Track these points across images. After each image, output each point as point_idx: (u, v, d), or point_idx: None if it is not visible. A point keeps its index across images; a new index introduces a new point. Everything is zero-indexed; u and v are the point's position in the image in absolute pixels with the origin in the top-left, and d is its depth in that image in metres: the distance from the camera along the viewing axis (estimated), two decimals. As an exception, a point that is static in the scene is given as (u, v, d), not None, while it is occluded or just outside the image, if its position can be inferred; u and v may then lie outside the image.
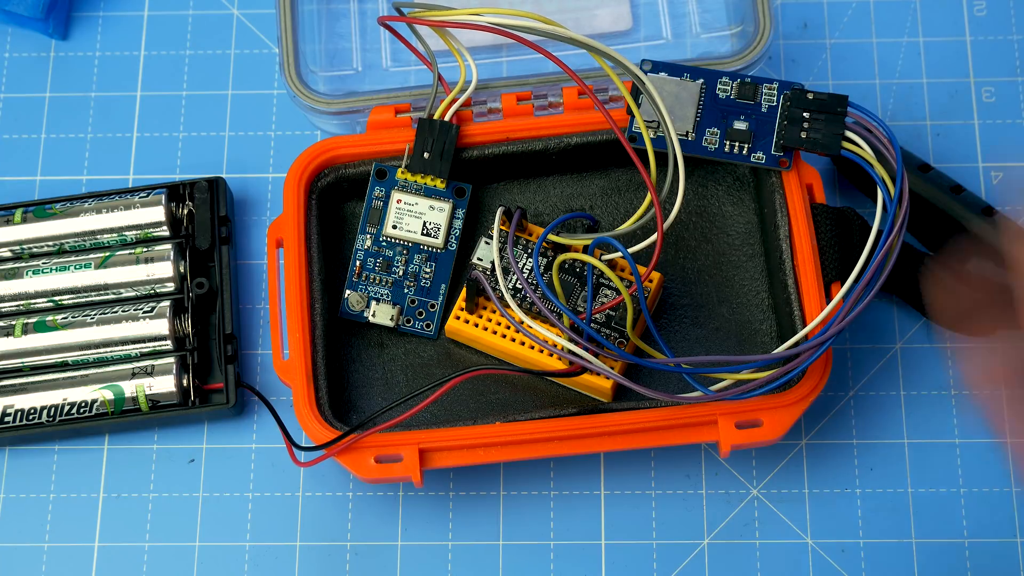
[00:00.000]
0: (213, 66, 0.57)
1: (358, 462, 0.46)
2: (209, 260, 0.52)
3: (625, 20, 0.55)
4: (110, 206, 0.52)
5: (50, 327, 0.50)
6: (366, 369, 0.50)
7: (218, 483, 0.51)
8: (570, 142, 0.51)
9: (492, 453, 0.46)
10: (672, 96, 0.49)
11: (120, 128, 0.56)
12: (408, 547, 0.49)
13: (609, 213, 0.52)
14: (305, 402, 0.47)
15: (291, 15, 0.52)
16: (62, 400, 0.49)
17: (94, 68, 0.57)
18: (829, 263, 0.48)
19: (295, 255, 0.49)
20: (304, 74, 0.52)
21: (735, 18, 0.54)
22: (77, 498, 0.51)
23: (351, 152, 0.51)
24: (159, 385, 0.49)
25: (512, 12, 0.47)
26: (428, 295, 0.50)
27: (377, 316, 0.50)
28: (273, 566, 0.49)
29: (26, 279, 0.51)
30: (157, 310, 0.50)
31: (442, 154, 0.50)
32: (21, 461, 0.51)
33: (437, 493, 0.50)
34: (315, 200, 0.50)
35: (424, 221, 0.50)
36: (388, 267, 0.50)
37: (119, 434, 0.51)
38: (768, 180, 0.49)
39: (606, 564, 0.49)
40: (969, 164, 0.54)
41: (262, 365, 0.52)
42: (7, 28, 0.58)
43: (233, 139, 0.56)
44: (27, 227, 0.52)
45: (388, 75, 0.55)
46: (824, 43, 0.56)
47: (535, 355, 0.48)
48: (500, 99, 0.51)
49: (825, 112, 0.48)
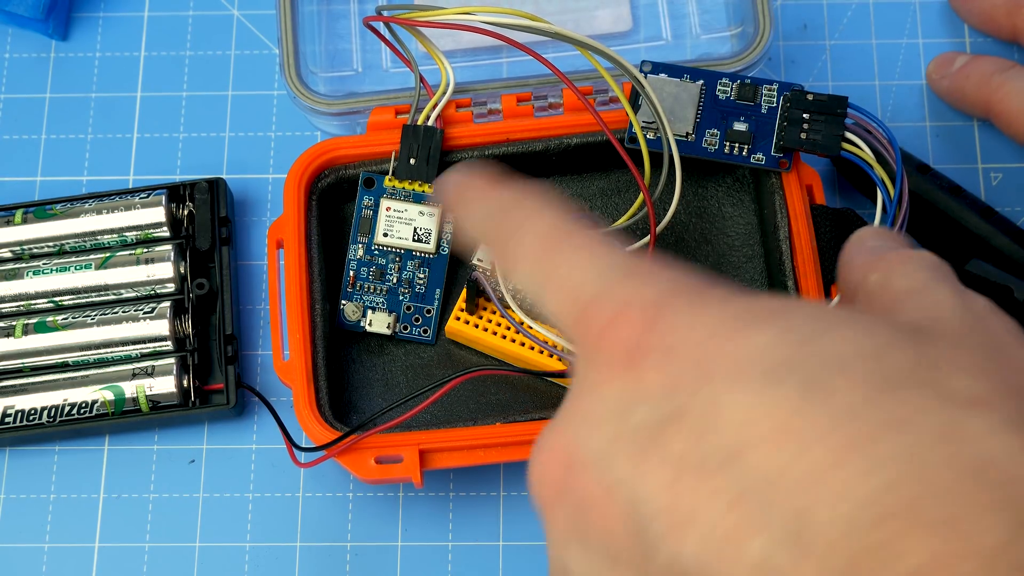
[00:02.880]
0: (213, 67, 0.57)
1: (358, 463, 0.46)
2: (209, 261, 0.52)
3: (625, 21, 0.55)
4: (110, 207, 0.52)
5: (50, 328, 0.50)
6: (366, 370, 0.50)
7: (218, 484, 0.51)
8: (570, 143, 0.51)
9: (492, 454, 0.46)
10: (672, 97, 0.49)
11: (120, 129, 0.56)
12: (408, 547, 0.50)
13: (609, 214, 0.52)
14: (305, 403, 0.47)
15: (291, 16, 0.52)
16: (62, 401, 0.49)
17: (94, 69, 0.57)
18: (829, 264, 0.48)
19: (295, 256, 0.49)
20: (304, 75, 0.52)
21: (735, 19, 0.54)
22: (77, 498, 0.51)
23: (351, 153, 0.51)
24: (159, 386, 0.49)
25: (503, 11, 0.47)
26: (423, 301, 0.50)
27: (374, 325, 0.50)
28: (273, 566, 0.49)
29: (26, 280, 0.51)
30: (157, 311, 0.50)
31: (428, 159, 0.50)
32: (21, 461, 0.51)
33: (437, 494, 0.50)
34: (315, 201, 0.50)
35: (415, 227, 0.50)
36: (382, 275, 0.50)
37: (119, 435, 0.51)
38: (768, 181, 0.49)
39: (606, 565, 0.49)
40: (969, 165, 0.54)
41: (262, 366, 0.52)
42: (7, 28, 0.58)
43: (233, 140, 0.56)
44: (27, 228, 0.52)
45: (388, 76, 0.55)
46: (824, 44, 0.57)
47: (535, 356, 0.48)
48: (500, 100, 0.51)
49: (825, 113, 0.48)
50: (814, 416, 0.24)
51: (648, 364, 0.27)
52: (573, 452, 0.28)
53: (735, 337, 0.26)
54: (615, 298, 0.28)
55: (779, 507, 0.24)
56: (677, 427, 0.26)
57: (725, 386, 0.25)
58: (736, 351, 0.26)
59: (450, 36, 0.52)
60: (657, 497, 0.25)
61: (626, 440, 0.26)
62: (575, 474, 0.28)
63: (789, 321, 0.26)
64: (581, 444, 0.28)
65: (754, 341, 0.26)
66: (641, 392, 0.27)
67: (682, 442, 0.25)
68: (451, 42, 0.53)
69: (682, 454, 0.25)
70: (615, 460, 0.27)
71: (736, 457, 0.24)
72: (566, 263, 0.30)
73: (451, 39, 0.53)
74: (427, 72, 0.51)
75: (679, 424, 0.26)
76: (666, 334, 0.27)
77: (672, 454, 0.25)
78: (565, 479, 0.28)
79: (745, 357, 0.26)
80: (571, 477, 0.28)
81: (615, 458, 0.27)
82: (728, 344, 0.26)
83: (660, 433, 0.26)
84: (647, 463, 0.26)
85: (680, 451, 0.25)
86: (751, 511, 0.24)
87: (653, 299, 0.28)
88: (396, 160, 0.50)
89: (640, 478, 0.26)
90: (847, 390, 0.24)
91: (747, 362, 0.26)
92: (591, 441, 0.27)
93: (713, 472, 0.25)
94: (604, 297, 0.29)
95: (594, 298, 0.29)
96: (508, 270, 0.33)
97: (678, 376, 0.26)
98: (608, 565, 0.27)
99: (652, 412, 0.26)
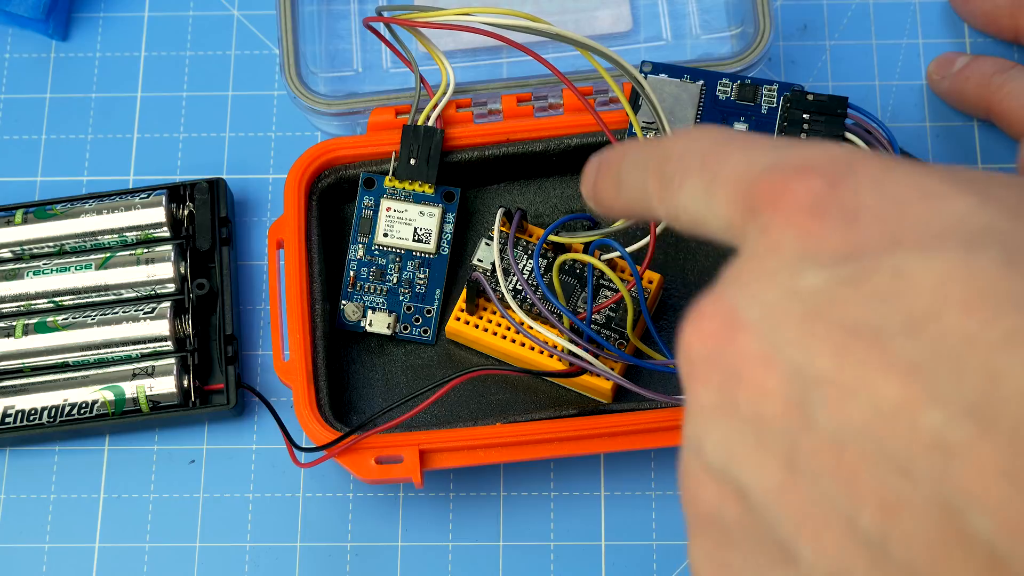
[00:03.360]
0: (213, 67, 0.57)
1: (358, 463, 0.46)
2: (210, 261, 0.52)
3: (625, 21, 0.55)
4: (111, 207, 0.52)
5: (51, 328, 0.50)
6: (366, 370, 0.50)
7: (218, 484, 0.51)
8: (570, 143, 0.51)
9: (492, 454, 0.47)
10: (672, 98, 0.49)
11: (120, 129, 0.56)
12: (408, 548, 0.50)
13: (609, 214, 0.52)
14: (306, 403, 0.47)
15: (291, 16, 0.52)
16: (63, 401, 0.49)
17: (94, 69, 0.57)
18: (829, 264, 0.48)
19: (295, 256, 0.49)
20: (304, 75, 0.52)
21: (735, 19, 0.54)
22: (78, 499, 0.51)
23: (351, 153, 0.51)
24: (160, 386, 0.49)
25: (503, 11, 0.47)
26: (423, 301, 0.50)
27: (374, 325, 0.50)
28: (273, 567, 0.49)
29: (27, 280, 0.51)
30: (158, 311, 0.50)
31: (428, 159, 0.50)
32: (22, 462, 0.51)
33: (437, 494, 0.50)
34: (315, 201, 0.50)
35: (415, 227, 0.50)
36: (382, 275, 0.50)
37: (120, 435, 0.51)
38: (768, 181, 0.49)
39: (606, 565, 0.49)
40: (969, 165, 0.54)
41: (262, 366, 0.52)
42: (7, 29, 0.58)
43: (233, 140, 0.56)
44: (28, 228, 0.52)
45: (389, 76, 0.55)
46: (824, 44, 0.57)
47: (535, 356, 0.48)
48: (500, 100, 0.51)
49: (825, 114, 0.48)
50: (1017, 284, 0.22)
51: (830, 224, 0.25)
52: (734, 314, 0.25)
53: (931, 202, 0.24)
54: (793, 162, 0.26)
55: (964, 376, 0.21)
56: (856, 291, 0.23)
57: (917, 251, 0.23)
58: (931, 216, 0.24)
59: (450, 36, 0.52)
60: (825, 363, 0.23)
61: (797, 301, 0.24)
62: (733, 336, 0.25)
63: (992, 191, 0.24)
64: (744, 305, 0.25)
65: (953, 207, 0.24)
66: (820, 253, 0.25)
67: (860, 307, 0.23)
68: (451, 42, 0.54)
69: (859, 319, 0.23)
70: (782, 322, 0.24)
71: (921, 325, 0.22)
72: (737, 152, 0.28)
73: (451, 39, 0.53)
74: (427, 72, 0.51)
75: (859, 288, 0.23)
76: (853, 194, 0.25)
77: (847, 319, 0.23)
78: (721, 342, 0.26)
79: (942, 223, 0.24)
80: (728, 340, 0.25)
81: (782, 320, 0.24)
82: (923, 208, 0.24)
83: (836, 296, 0.24)
84: (817, 327, 0.24)
85: (857, 316, 0.23)
86: (931, 381, 0.22)
87: (839, 158, 0.26)
88: (396, 160, 0.50)
89: (807, 342, 0.24)
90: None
91: (944, 228, 0.23)
92: (756, 301, 0.25)
93: (892, 339, 0.23)
94: (780, 164, 0.26)
95: (769, 167, 0.26)
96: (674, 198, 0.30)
97: (863, 238, 0.24)
98: (753, 442, 0.25)
99: (830, 274, 0.24)
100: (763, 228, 0.26)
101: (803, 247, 0.25)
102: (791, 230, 0.25)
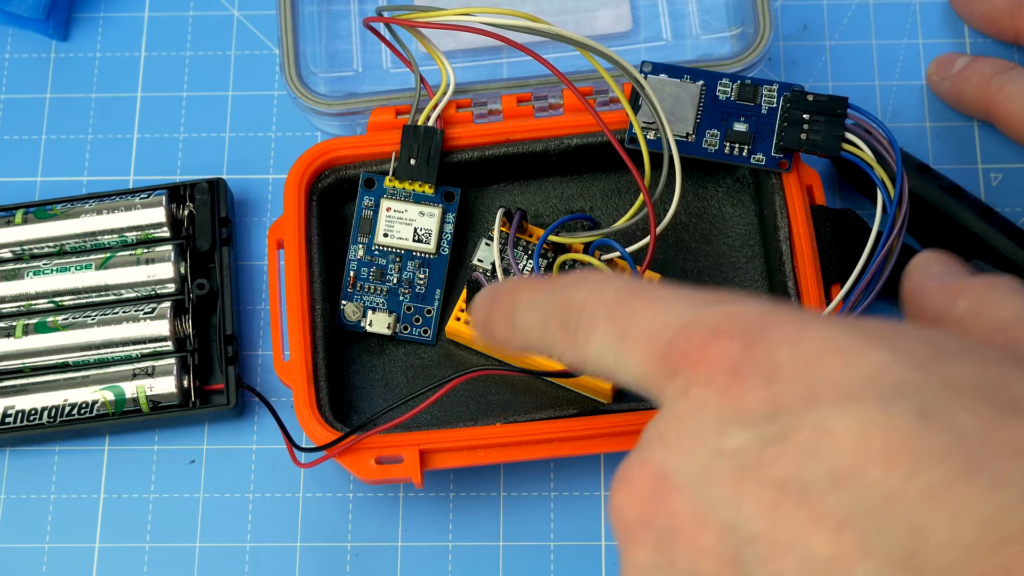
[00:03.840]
0: (213, 67, 0.57)
1: (358, 463, 0.46)
2: (210, 261, 0.52)
3: (625, 21, 0.55)
4: (111, 207, 0.52)
5: (51, 328, 0.50)
6: (366, 370, 0.50)
7: (218, 484, 0.51)
8: (570, 143, 0.51)
9: (492, 454, 0.46)
10: (672, 98, 0.49)
11: (120, 129, 0.56)
12: (408, 548, 0.50)
13: (609, 214, 0.52)
14: (306, 403, 0.47)
15: (291, 16, 0.52)
16: (63, 401, 0.49)
17: (94, 69, 0.57)
18: (829, 265, 0.48)
19: (296, 256, 0.49)
20: (304, 75, 0.52)
21: (735, 20, 0.54)
22: (78, 499, 0.51)
23: (351, 153, 0.51)
24: (160, 386, 0.49)
25: (503, 12, 0.47)
26: (424, 301, 0.50)
27: (374, 325, 0.50)
28: (273, 567, 0.49)
29: (27, 280, 0.51)
30: (158, 311, 0.50)
31: (428, 159, 0.50)
32: (22, 462, 0.51)
33: (437, 494, 0.50)
34: (315, 201, 0.50)
35: (415, 227, 0.50)
36: (382, 276, 0.50)
37: (120, 435, 0.51)
38: (768, 182, 0.49)
39: (606, 565, 0.49)
40: (969, 165, 0.54)
41: (263, 366, 0.52)
42: (7, 29, 0.58)
43: (233, 140, 0.56)
44: (28, 228, 0.52)
45: (389, 76, 0.55)
46: (824, 45, 0.57)
47: (535, 356, 0.48)
48: (500, 100, 0.51)
49: (825, 114, 0.48)
50: (933, 437, 0.23)
51: (750, 385, 0.26)
52: (664, 476, 0.27)
53: (845, 357, 0.25)
54: (708, 324, 0.27)
55: (891, 529, 0.22)
56: (780, 449, 0.24)
57: (835, 408, 0.24)
58: (846, 372, 0.25)
59: (450, 36, 0.52)
60: (756, 521, 0.24)
61: (725, 462, 0.25)
62: (665, 498, 0.26)
63: (902, 343, 0.25)
64: (674, 467, 0.26)
65: (866, 361, 0.25)
66: (742, 413, 0.25)
67: (786, 465, 0.24)
68: (451, 42, 0.54)
69: (785, 477, 0.24)
70: (712, 483, 0.25)
71: (845, 480, 0.23)
72: (647, 308, 0.29)
73: (451, 39, 0.53)
74: (427, 72, 0.51)
75: (783, 446, 0.24)
76: (769, 354, 0.26)
77: (774, 477, 0.24)
78: (653, 504, 0.27)
79: (857, 378, 0.25)
80: (660, 501, 0.27)
81: (712, 481, 0.25)
82: (837, 364, 0.25)
83: (762, 456, 0.25)
84: (747, 486, 0.25)
85: (783, 474, 0.24)
86: (859, 535, 0.23)
87: (753, 318, 0.27)
88: (396, 160, 0.50)
89: (739, 501, 0.25)
90: (968, 414, 0.23)
91: (860, 383, 0.24)
92: (686, 464, 0.26)
93: (819, 495, 0.24)
94: (695, 325, 0.27)
95: (683, 328, 0.27)
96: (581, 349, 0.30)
97: (783, 396, 0.25)
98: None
99: (754, 434, 0.25)
100: (683, 389, 0.27)
101: (725, 408, 0.26)
102: (712, 391, 0.26)
